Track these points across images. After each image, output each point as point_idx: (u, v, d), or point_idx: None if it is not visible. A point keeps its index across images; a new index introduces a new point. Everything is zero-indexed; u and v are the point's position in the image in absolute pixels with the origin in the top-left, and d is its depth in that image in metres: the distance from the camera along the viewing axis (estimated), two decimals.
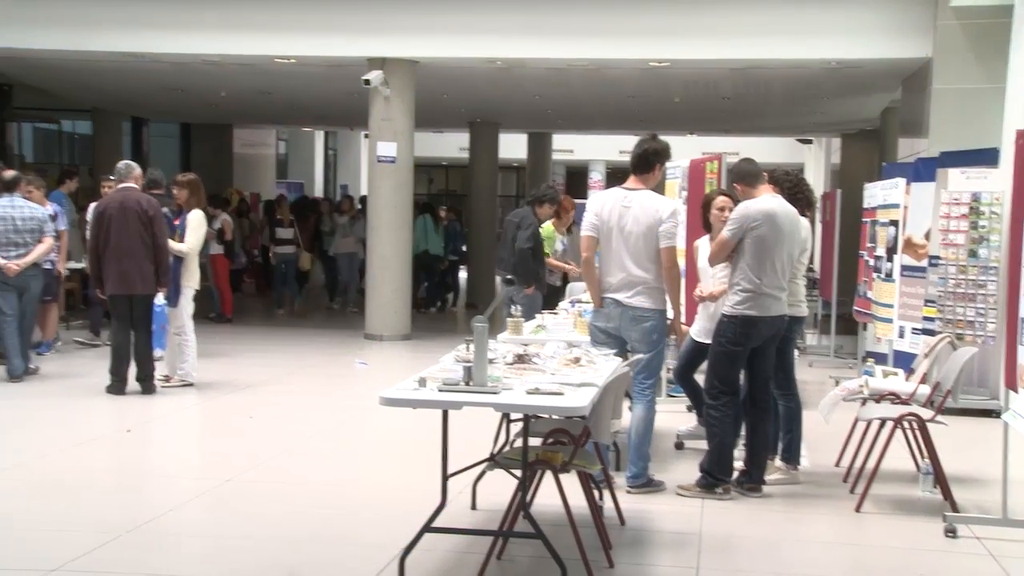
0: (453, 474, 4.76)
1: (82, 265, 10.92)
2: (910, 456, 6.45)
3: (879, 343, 9.54)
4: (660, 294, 5.90)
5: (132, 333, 8.63)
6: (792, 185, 6.31)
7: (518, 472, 4.63)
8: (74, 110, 19.28)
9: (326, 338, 13.22)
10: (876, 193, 9.93)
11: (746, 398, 6.05)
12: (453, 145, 25.16)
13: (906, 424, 6.07)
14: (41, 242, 9.34)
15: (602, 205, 5.95)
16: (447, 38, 12.26)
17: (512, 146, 22.51)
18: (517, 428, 4.98)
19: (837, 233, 12.43)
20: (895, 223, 9.11)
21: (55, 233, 9.71)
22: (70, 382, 9.23)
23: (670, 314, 5.98)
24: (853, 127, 19.00)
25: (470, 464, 5.08)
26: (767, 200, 5.96)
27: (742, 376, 6.03)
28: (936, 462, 5.94)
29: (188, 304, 8.96)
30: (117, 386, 8.62)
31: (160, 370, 8.94)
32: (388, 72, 12.42)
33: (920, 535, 5.42)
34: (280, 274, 15.88)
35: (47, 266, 9.89)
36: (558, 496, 4.74)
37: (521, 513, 4.55)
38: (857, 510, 5.76)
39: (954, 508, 5.74)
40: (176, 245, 8.81)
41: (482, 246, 18.42)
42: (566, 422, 4.85)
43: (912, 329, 8.69)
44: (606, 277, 5.92)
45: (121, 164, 9.00)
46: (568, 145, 26.90)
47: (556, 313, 7.56)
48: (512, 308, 6.83)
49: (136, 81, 15.21)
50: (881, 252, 9.43)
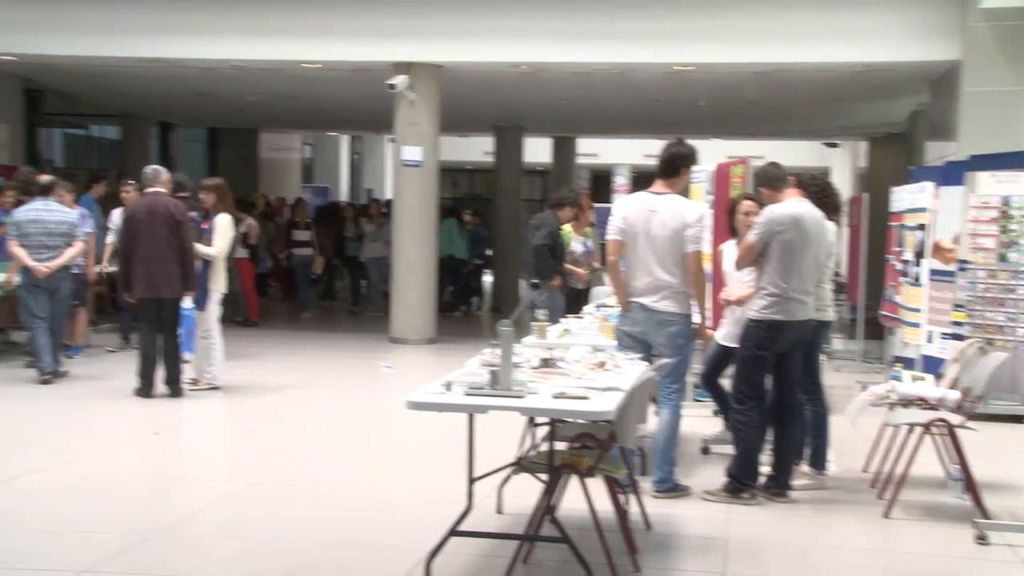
0: (479, 478, 4.77)
1: (109, 269, 11.00)
2: (939, 462, 6.40)
3: (906, 348, 9.47)
4: (686, 298, 5.89)
5: (160, 337, 8.70)
6: (819, 189, 6.28)
7: (544, 476, 4.64)
8: (103, 116, 19.46)
9: (351, 342, 13.26)
10: (904, 197, 9.86)
11: (773, 403, 6.02)
12: (477, 149, 25.19)
13: (935, 429, 6.02)
14: (71, 245, 9.45)
15: (628, 209, 5.95)
16: (472, 42, 12.29)
17: (537, 150, 22.51)
18: (542, 432, 4.97)
19: (864, 237, 12.35)
20: (923, 227, 9.04)
21: (85, 237, 9.80)
22: (99, 385, 9.30)
23: (696, 318, 5.97)
24: (880, 130, 18.89)
25: (496, 468, 5.08)
26: (793, 204, 5.94)
27: (768, 381, 6.00)
28: (966, 468, 5.89)
29: (215, 308, 9.01)
30: (145, 389, 8.69)
31: (187, 373, 8.99)
32: (413, 76, 12.45)
33: (950, 542, 5.38)
34: (304, 276, 16.00)
35: (76, 270, 9.99)
36: (584, 500, 4.73)
37: (547, 517, 4.55)
38: (885, 516, 5.72)
39: (984, 515, 5.67)
40: (204, 249, 8.86)
41: (507, 250, 18.41)
42: (592, 426, 4.84)
43: (941, 334, 8.62)
44: (632, 281, 5.91)
45: (149, 169, 9.07)
46: (593, 149, 26.86)
47: (581, 317, 7.55)
48: (537, 312, 6.84)
49: (164, 86, 15.33)
50: (909, 256, 9.37)
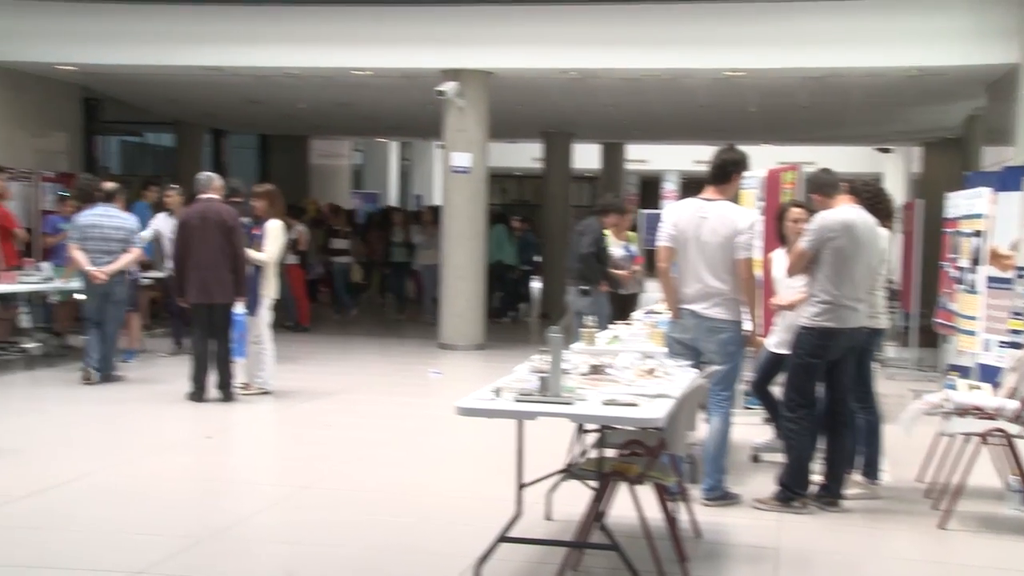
0: (528, 484, 4.77)
1: (162, 274, 11.15)
2: (996, 473, 6.29)
3: (962, 356, 9.31)
4: (737, 305, 5.85)
5: (212, 342, 8.80)
6: (871, 195, 6.21)
7: (593, 483, 4.62)
8: (158, 123, 19.76)
9: (401, 347, 13.32)
10: (959, 203, 9.71)
11: (824, 411, 5.96)
12: (526, 155, 25.21)
13: (992, 440, 5.91)
14: (128, 251, 9.60)
15: (679, 216, 5.93)
16: (521, 49, 12.31)
17: (586, 156, 22.49)
18: (592, 439, 4.96)
19: (918, 244, 12.18)
20: (979, 233, 8.90)
21: (144, 243, 9.98)
22: (153, 389, 9.42)
23: (747, 325, 5.93)
24: (935, 135, 18.62)
25: (545, 474, 5.08)
26: (845, 211, 5.88)
27: (820, 388, 5.94)
28: None
29: (266, 313, 9.09)
30: (198, 393, 8.79)
31: (239, 378, 9.08)
32: (463, 83, 12.50)
33: (1007, 554, 5.28)
34: (341, 282, 16.21)
35: (132, 276, 10.14)
36: (633, 508, 4.71)
37: (596, 524, 4.53)
38: (941, 527, 5.63)
39: None
40: (255, 254, 8.95)
41: (555, 256, 18.39)
42: (641, 433, 4.82)
43: (998, 342, 8.47)
44: (683, 288, 5.89)
45: (202, 175, 9.20)
46: (642, 155, 26.77)
47: (630, 323, 7.53)
48: (586, 318, 6.82)
49: (217, 94, 15.54)
50: (964, 263, 9.22)
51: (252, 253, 8.92)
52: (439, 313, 13.25)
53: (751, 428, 7.54)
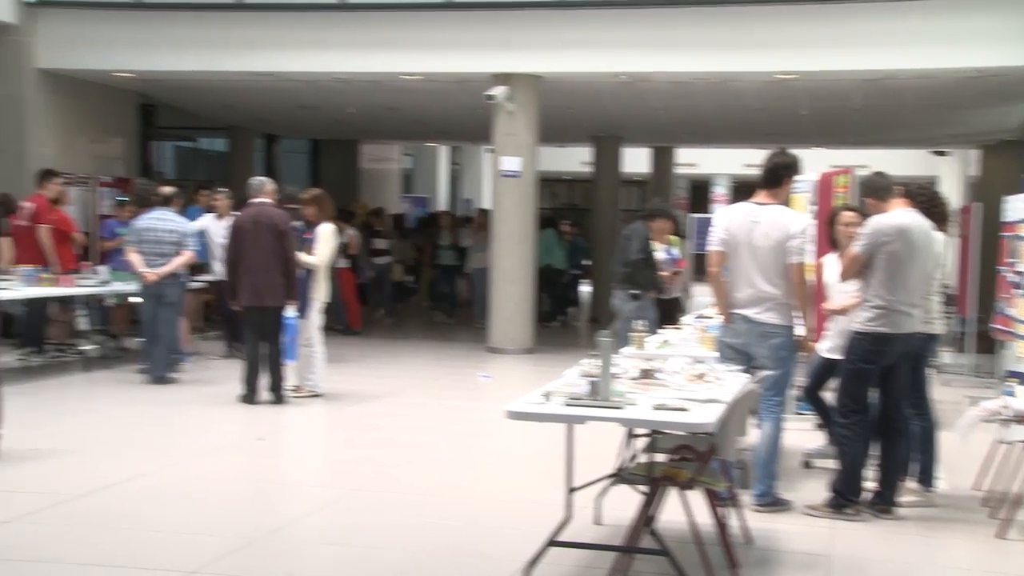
0: (577, 488, 4.76)
1: (212, 277, 11.26)
2: None
3: (1020, 362, 9.14)
4: (789, 310, 5.80)
5: (264, 344, 8.88)
6: (927, 199, 6.11)
7: (643, 488, 4.60)
8: (211, 128, 20.03)
9: (450, 351, 13.36)
10: (1018, 206, 9.54)
11: (878, 417, 5.88)
12: (575, 159, 25.18)
13: None
14: (180, 254, 9.74)
15: (731, 220, 5.89)
16: (571, 53, 12.30)
17: (635, 160, 22.41)
18: (641, 443, 4.94)
19: (975, 248, 11.98)
20: None
21: (198, 246, 10.11)
22: (205, 391, 9.53)
23: (799, 330, 5.87)
24: (993, 137, 18.29)
25: (595, 479, 5.06)
26: (900, 215, 5.80)
27: (874, 394, 5.87)
28: None
29: (317, 316, 9.16)
30: (249, 396, 8.88)
31: (290, 380, 9.16)
32: (512, 87, 12.52)
33: None
34: (385, 284, 16.30)
35: (183, 279, 10.25)
36: (682, 513, 4.68)
37: (646, 529, 4.51)
38: (999, 536, 5.52)
39: None
40: (306, 258, 9.02)
41: (605, 260, 18.29)
42: (691, 438, 4.79)
43: None
44: (734, 292, 5.85)
45: (254, 180, 9.30)
46: (692, 159, 26.63)
47: (680, 328, 7.49)
48: (635, 323, 6.80)
49: (269, 99, 15.71)
50: (1023, 267, 9.06)
51: (303, 257, 8.99)
52: (488, 317, 13.27)
53: (803, 434, 7.46)
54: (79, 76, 13.48)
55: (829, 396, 6.45)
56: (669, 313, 9.37)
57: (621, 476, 4.82)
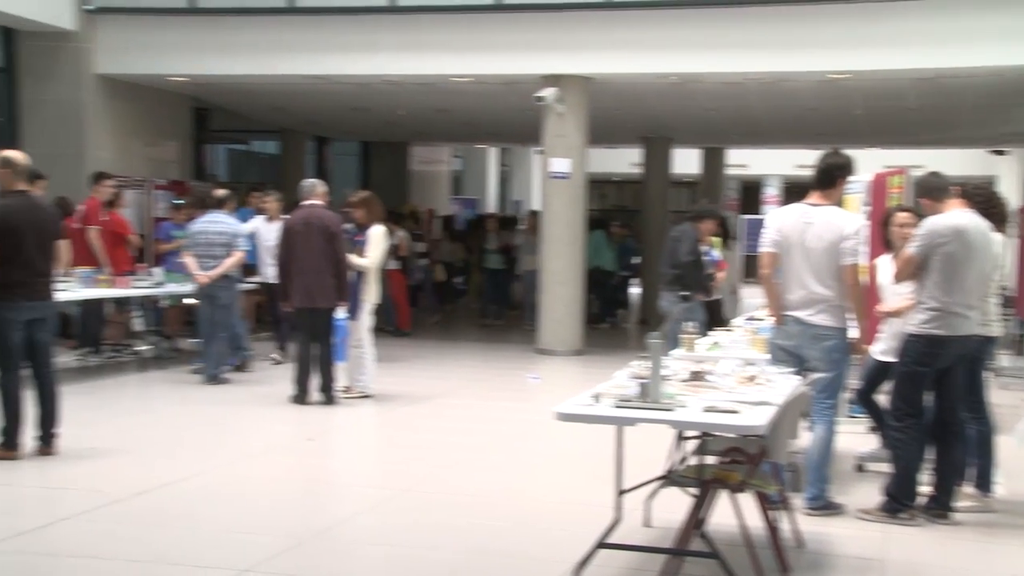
0: (627, 490, 4.73)
1: (264, 279, 11.34)
2: None
3: None
4: (842, 312, 5.73)
5: (315, 345, 8.95)
6: (984, 199, 6.00)
7: (693, 490, 4.57)
8: (263, 131, 20.24)
9: (499, 352, 13.37)
10: None
11: (934, 421, 5.79)
12: (625, 161, 25.11)
13: None
14: (231, 255, 9.85)
15: (783, 221, 5.84)
16: (621, 54, 12.25)
17: (685, 161, 22.29)
18: (691, 446, 4.91)
19: None
20: None
21: (249, 247, 10.22)
22: (256, 391, 9.62)
23: (853, 332, 5.80)
24: None
25: (644, 481, 5.03)
26: (957, 215, 5.70)
27: (929, 398, 5.78)
28: None
29: (367, 318, 9.21)
30: (300, 396, 8.95)
31: (341, 381, 9.21)
32: (562, 88, 12.49)
33: None
34: (427, 286, 16.38)
35: (236, 280, 10.36)
36: (733, 516, 4.64)
37: (696, 532, 4.48)
38: None
39: None
40: (357, 260, 9.07)
41: (654, 262, 18.22)
42: (742, 441, 4.75)
43: None
44: (787, 294, 5.79)
45: (306, 182, 9.37)
46: (742, 160, 26.44)
47: (730, 330, 7.43)
48: (685, 324, 6.76)
49: (320, 102, 15.83)
50: None
51: (354, 259, 9.04)
52: (537, 318, 13.26)
53: (855, 437, 7.37)
54: (135, 81, 13.69)
55: (882, 399, 6.36)
56: (712, 315, 9.35)
57: (671, 478, 4.80)
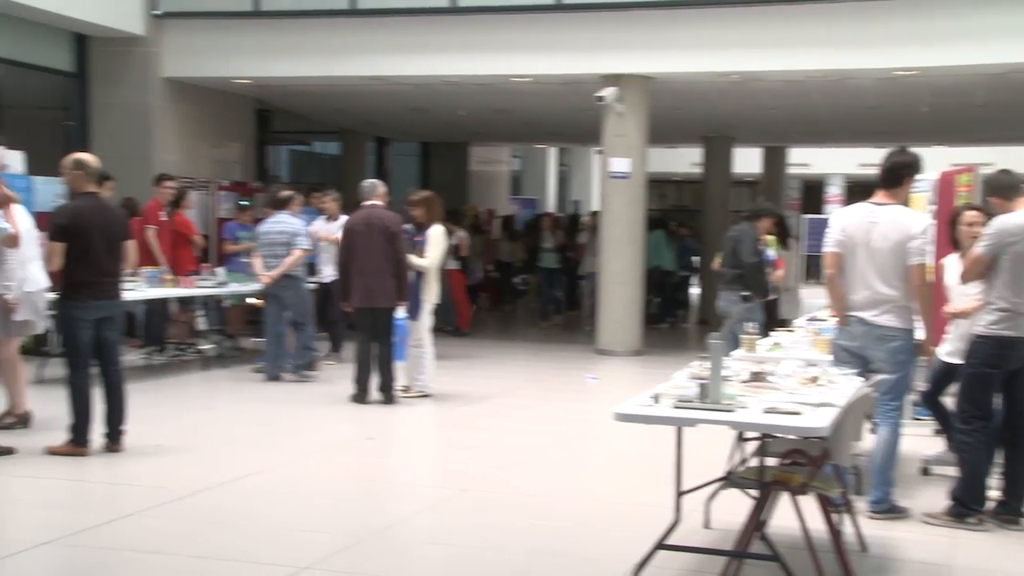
0: (687, 491, 4.69)
1: (322, 279, 11.40)
2: None
3: None
4: (908, 313, 5.63)
5: (375, 345, 9.00)
6: None
7: (753, 492, 4.52)
8: (324, 132, 20.46)
9: (558, 352, 13.35)
10: None
11: (1003, 424, 5.66)
12: (685, 160, 24.95)
13: None
14: (291, 254, 9.95)
15: (848, 221, 5.75)
16: (682, 52, 12.16)
17: (746, 160, 22.08)
18: (752, 447, 4.85)
19: None
20: None
21: (308, 246, 10.32)
22: (317, 390, 9.70)
23: (919, 333, 5.69)
24: None
25: (704, 482, 4.99)
26: None
27: (997, 400, 5.65)
28: None
29: (427, 318, 9.24)
30: (360, 395, 9.01)
31: (400, 381, 9.26)
32: (622, 88, 12.44)
33: None
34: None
35: (300, 280, 10.44)
36: (794, 518, 4.58)
37: (757, 534, 4.43)
38: None
39: None
40: (416, 260, 9.10)
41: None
42: (803, 442, 4.69)
43: None
44: (851, 295, 5.70)
45: (366, 183, 9.43)
46: (804, 159, 26.13)
47: (792, 330, 7.34)
48: (746, 325, 6.69)
49: (380, 103, 15.95)
50: None
51: (414, 259, 9.07)
52: (596, 318, 13.22)
53: (921, 439, 7.24)
54: (200, 83, 13.91)
55: (949, 401, 6.24)
56: (770, 314, 9.28)
57: (731, 480, 4.75)
